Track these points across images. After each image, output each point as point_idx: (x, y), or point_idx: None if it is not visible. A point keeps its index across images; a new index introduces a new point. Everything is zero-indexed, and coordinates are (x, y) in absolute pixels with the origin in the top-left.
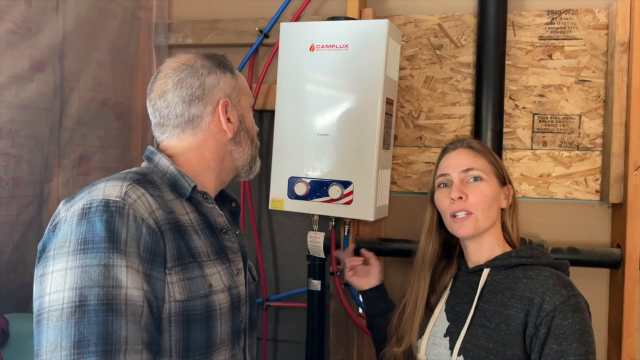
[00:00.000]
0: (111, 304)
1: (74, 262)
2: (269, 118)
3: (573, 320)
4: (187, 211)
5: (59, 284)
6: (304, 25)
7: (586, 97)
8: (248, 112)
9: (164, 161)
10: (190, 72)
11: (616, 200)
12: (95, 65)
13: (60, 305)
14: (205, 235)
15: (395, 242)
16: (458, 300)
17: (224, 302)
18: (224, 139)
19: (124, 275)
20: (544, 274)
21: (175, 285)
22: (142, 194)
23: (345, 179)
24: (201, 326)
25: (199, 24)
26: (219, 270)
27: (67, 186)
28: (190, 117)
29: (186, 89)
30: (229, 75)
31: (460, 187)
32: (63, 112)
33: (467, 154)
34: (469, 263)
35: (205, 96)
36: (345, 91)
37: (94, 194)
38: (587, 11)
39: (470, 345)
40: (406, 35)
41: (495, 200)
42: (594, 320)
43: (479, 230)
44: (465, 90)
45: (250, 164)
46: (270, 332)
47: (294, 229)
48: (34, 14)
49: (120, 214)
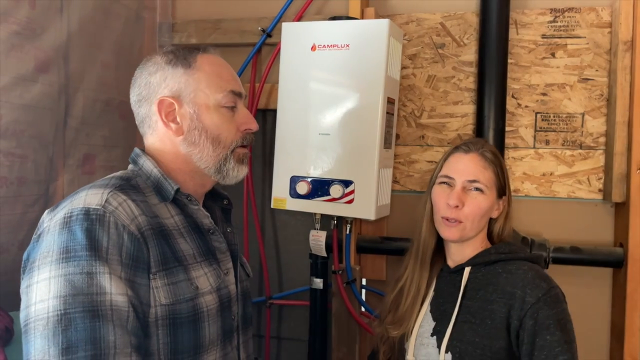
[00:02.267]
0: (97, 310)
1: (57, 271)
2: (272, 117)
3: (557, 311)
4: (172, 214)
5: (44, 293)
6: (306, 25)
7: (589, 95)
8: (208, 109)
9: (148, 164)
10: (141, 71)
11: (619, 199)
12: (99, 66)
13: (45, 314)
14: (191, 237)
15: (398, 240)
16: (442, 299)
17: (211, 304)
18: (176, 139)
19: (107, 282)
20: (523, 267)
21: (160, 290)
22: (124, 201)
23: (347, 178)
24: (188, 329)
25: (203, 23)
26: (206, 272)
27: (72, 185)
28: (142, 118)
29: (137, 88)
30: (179, 70)
31: (460, 196)
32: (68, 112)
33: (478, 163)
34: (450, 262)
35: (150, 95)
36: (346, 90)
37: (75, 203)
38: (591, 9)
39: (457, 341)
40: (408, 34)
41: (487, 213)
42: (597, 319)
43: (464, 238)
44: (468, 89)
45: (217, 166)
46: (273, 329)
47: (297, 228)
48: (38, 16)
49: (100, 222)
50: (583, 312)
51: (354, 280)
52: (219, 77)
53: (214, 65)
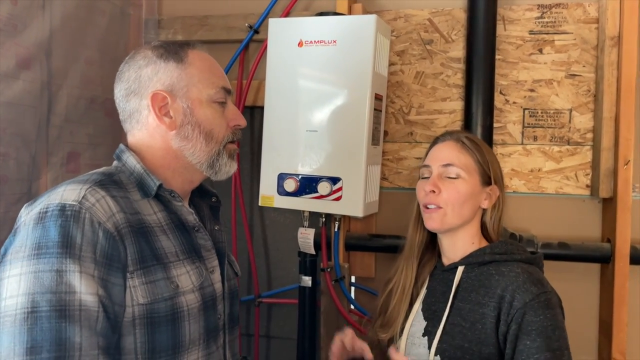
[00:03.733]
0: (64, 310)
1: (27, 268)
2: (260, 114)
3: (544, 317)
4: (155, 210)
5: (14, 289)
6: (292, 20)
7: (576, 91)
8: (201, 103)
9: (131, 160)
10: (130, 64)
11: (606, 194)
12: (83, 63)
13: (13, 311)
14: (174, 235)
15: (387, 237)
16: (434, 299)
17: (193, 303)
18: (168, 134)
19: (77, 280)
20: (515, 270)
21: (138, 289)
22: (102, 197)
23: (335, 175)
24: (166, 328)
25: (189, 20)
26: (188, 270)
27: (56, 184)
28: (130, 112)
29: (124, 82)
30: (172, 65)
31: (435, 181)
32: (51, 110)
33: (453, 148)
34: (445, 260)
35: (141, 89)
36: (333, 87)
37: (51, 198)
38: (578, 5)
39: (447, 345)
40: (396, 31)
41: (470, 199)
42: (585, 315)
43: (446, 226)
44: (456, 85)
45: (209, 162)
46: (262, 328)
47: (286, 226)
48: (19, 12)
49: (75, 219)
50: (571, 308)
51: (342, 278)
52: (210, 72)
53: (204, 60)
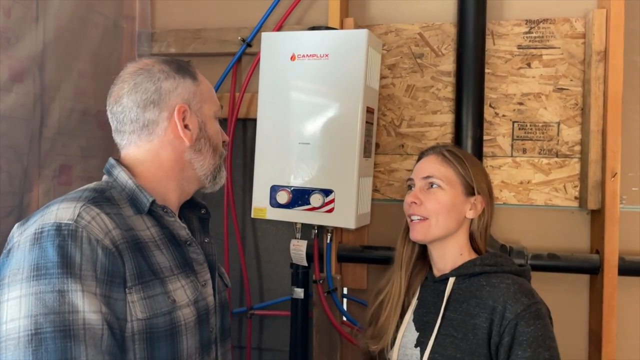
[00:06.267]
0: (68, 330)
1: (28, 290)
2: (252, 127)
3: (535, 327)
4: (148, 226)
5: (15, 312)
6: (285, 35)
7: (564, 105)
8: (211, 120)
9: (123, 175)
10: (146, 76)
11: (594, 206)
12: (76, 75)
13: (16, 334)
14: (168, 250)
15: (379, 249)
16: (425, 310)
17: (189, 317)
18: (182, 146)
19: (79, 299)
20: (506, 281)
21: (137, 304)
22: (97, 214)
23: (327, 187)
24: (165, 343)
25: (182, 33)
26: (183, 284)
27: (48, 196)
28: (145, 123)
29: (141, 93)
30: (189, 81)
31: (417, 193)
32: (43, 122)
33: (434, 162)
34: (435, 271)
35: (161, 101)
36: (326, 100)
37: (46, 218)
38: (565, 20)
39: (439, 355)
40: (387, 44)
41: (453, 210)
42: (575, 326)
43: (430, 237)
44: (446, 98)
45: (214, 174)
46: (254, 340)
47: (278, 237)
48: (12, 24)
49: (73, 238)
50: (561, 319)
51: (335, 290)
52: (212, 91)
53: (206, 80)
